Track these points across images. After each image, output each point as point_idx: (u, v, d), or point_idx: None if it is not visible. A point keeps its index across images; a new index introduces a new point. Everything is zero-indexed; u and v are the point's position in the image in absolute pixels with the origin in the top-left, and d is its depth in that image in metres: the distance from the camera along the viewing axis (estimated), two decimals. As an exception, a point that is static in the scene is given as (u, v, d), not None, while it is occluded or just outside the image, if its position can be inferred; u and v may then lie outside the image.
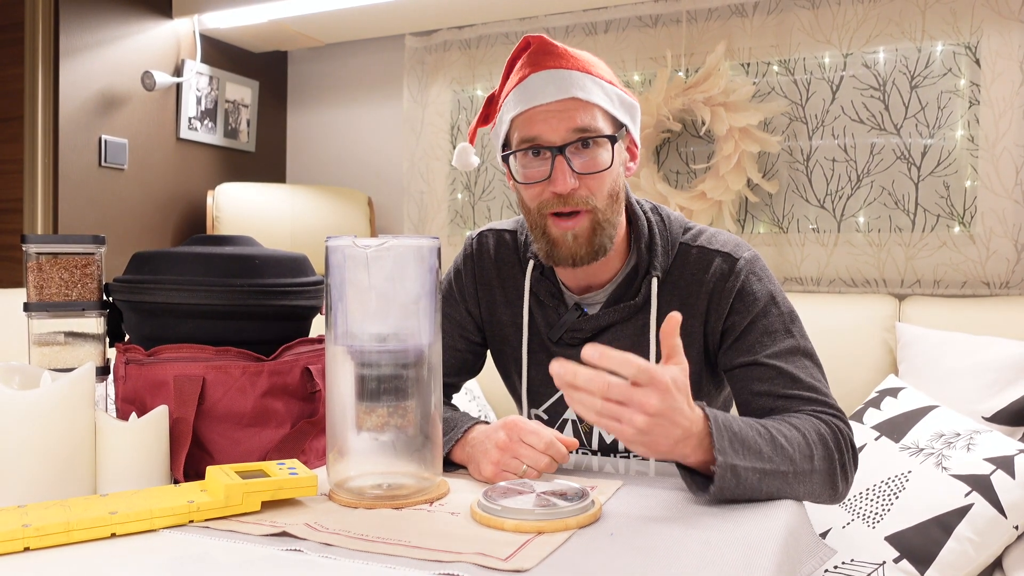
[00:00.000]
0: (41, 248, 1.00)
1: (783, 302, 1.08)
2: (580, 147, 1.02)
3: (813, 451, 0.92)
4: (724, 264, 1.08)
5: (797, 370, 1.02)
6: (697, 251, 1.11)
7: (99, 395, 1.02)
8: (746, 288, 1.07)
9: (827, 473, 0.93)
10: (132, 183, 2.40)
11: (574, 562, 0.70)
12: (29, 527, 0.72)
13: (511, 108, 1.05)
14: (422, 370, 0.88)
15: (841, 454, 0.96)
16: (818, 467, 0.92)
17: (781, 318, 1.06)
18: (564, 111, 1.01)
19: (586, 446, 1.19)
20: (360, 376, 0.87)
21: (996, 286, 1.97)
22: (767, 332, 1.05)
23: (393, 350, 0.87)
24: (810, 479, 0.91)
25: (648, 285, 1.10)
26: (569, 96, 1.01)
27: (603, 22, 2.39)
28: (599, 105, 1.03)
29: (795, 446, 0.91)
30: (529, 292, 1.17)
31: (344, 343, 0.87)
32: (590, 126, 1.02)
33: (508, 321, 1.21)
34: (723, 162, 2.13)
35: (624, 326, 1.12)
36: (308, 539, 0.75)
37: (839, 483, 0.96)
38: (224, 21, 2.49)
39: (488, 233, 1.24)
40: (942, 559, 1.30)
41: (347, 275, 0.86)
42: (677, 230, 1.13)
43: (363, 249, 0.85)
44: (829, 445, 0.94)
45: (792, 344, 1.04)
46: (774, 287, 1.09)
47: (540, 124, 1.02)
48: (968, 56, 1.99)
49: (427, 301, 0.88)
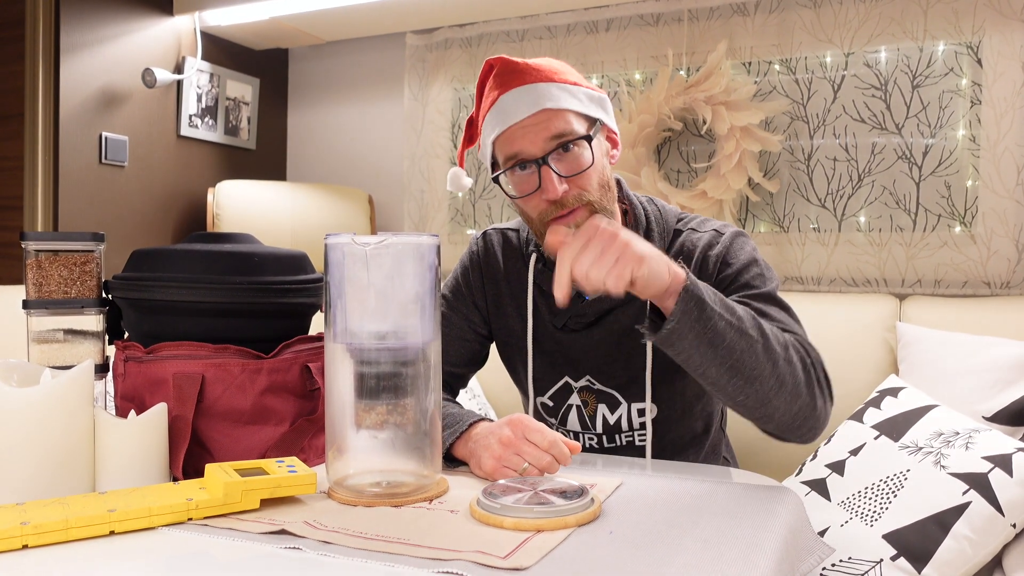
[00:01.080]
0: (40, 245, 1.00)
1: (764, 266, 1.14)
2: (561, 152, 1.07)
3: (788, 346, 0.97)
4: (711, 238, 1.17)
5: (772, 311, 1.07)
6: (688, 232, 1.19)
7: (98, 392, 1.02)
8: (730, 252, 1.14)
9: (800, 375, 0.96)
10: (132, 180, 2.40)
11: (573, 560, 0.70)
12: (27, 525, 0.72)
13: (489, 131, 1.11)
14: (421, 368, 0.88)
15: (814, 368, 1.00)
16: (791, 359, 0.96)
17: (761, 276, 1.12)
18: (538, 124, 1.07)
19: (591, 429, 1.24)
20: (359, 374, 0.87)
21: (997, 286, 1.96)
22: (748, 285, 1.11)
23: (392, 348, 0.87)
24: (780, 366, 0.94)
25: None
26: (540, 108, 1.07)
27: (604, 20, 2.39)
28: (570, 109, 1.08)
29: (770, 332, 0.95)
30: (533, 283, 1.22)
31: (343, 341, 0.87)
32: (565, 131, 1.07)
33: (514, 313, 1.26)
34: (724, 161, 2.13)
35: (624, 309, 1.18)
36: (307, 537, 0.75)
37: (815, 393, 0.98)
38: (225, 18, 2.48)
39: (492, 232, 1.31)
40: (939, 557, 1.29)
41: (346, 273, 0.86)
42: (671, 218, 1.21)
43: (362, 247, 0.85)
44: (803, 354, 0.99)
45: (768, 292, 1.10)
46: (757, 255, 1.15)
47: (519, 140, 1.08)
48: (970, 56, 1.99)
49: (427, 299, 0.88)
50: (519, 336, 1.26)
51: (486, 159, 1.15)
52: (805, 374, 0.97)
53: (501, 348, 1.32)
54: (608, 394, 1.22)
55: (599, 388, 1.22)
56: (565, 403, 1.24)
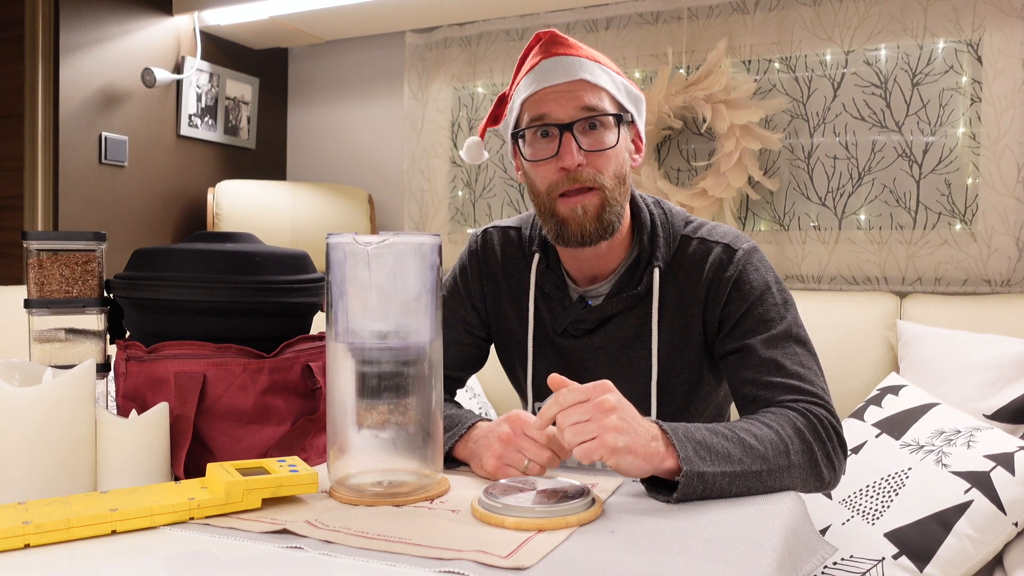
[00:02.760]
0: (42, 245, 1.00)
1: (779, 291, 1.09)
2: (587, 128, 1.06)
3: (789, 446, 0.93)
4: (723, 254, 1.11)
5: (784, 357, 1.04)
6: (697, 242, 1.13)
7: (100, 392, 1.02)
8: (743, 277, 1.09)
9: (808, 465, 0.94)
10: (132, 180, 2.40)
11: (575, 560, 0.70)
12: (29, 524, 0.72)
13: (522, 92, 1.09)
14: (423, 367, 0.88)
15: (822, 443, 0.96)
16: (796, 461, 0.93)
17: (776, 307, 1.07)
18: (572, 91, 1.06)
19: None
20: (361, 373, 0.87)
21: (997, 284, 1.96)
22: (762, 320, 1.06)
23: (394, 347, 0.87)
24: (789, 473, 0.92)
25: (650, 275, 1.12)
26: (577, 78, 1.06)
27: (604, 19, 2.39)
28: (606, 89, 1.07)
29: (767, 444, 0.91)
30: (534, 285, 1.19)
31: (345, 340, 0.87)
32: (596, 106, 1.06)
33: (513, 315, 1.22)
34: (724, 159, 2.13)
35: (626, 316, 1.14)
36: (309, 536, 0.75)
37: (823, 472, 0.96)
38: (224, 18, 2.48)
39: (492, 230, 1.27)
40: (941, 555, 1.29)
41: (348, 272, 0.86)
42: (679, 223, 1.16)
43: (364, 246, 0.85)
44: (807, 437, 0.95)
45: (783, 330, 1.06)
46: (771, 277, 1.11)
47: (550, 103, 1.06)
48: (970, 53, 1.99)
49: (428, 298, 0.88)
50: (519, 340, 1.22)
51: (509, 125, 1.13)
52: (811, 462, 0.95)
53: (500, 351, 1.29)
54: None
55: None
56: None
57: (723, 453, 0.88)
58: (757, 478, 0.90)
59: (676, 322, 1.12)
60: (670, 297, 1.12)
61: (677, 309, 1.12)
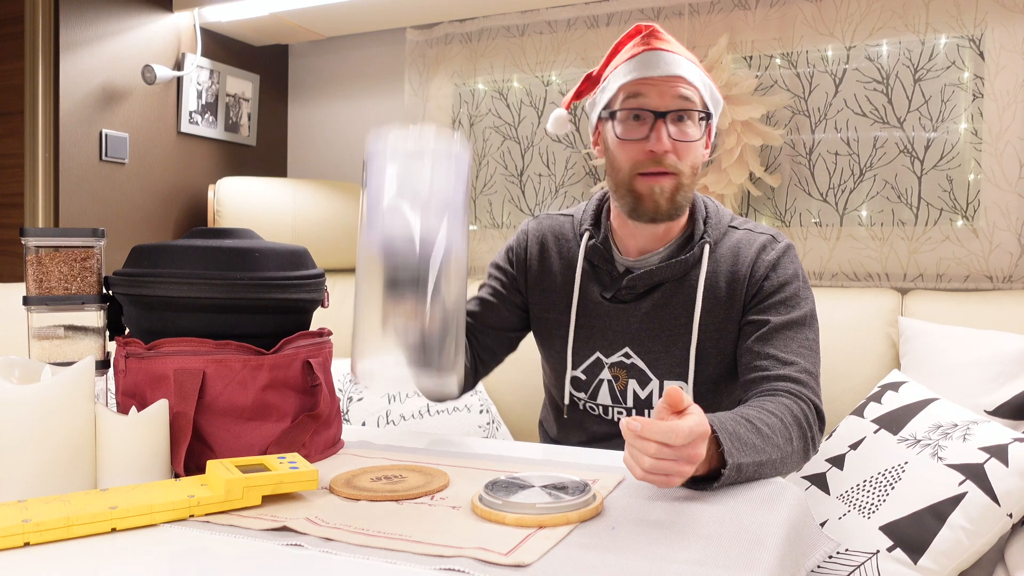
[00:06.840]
0: (41, 241, 1.00)
1: (805, 286, 1.23)
2: (676, 119, 1.17)
3: (791, 433, 1.04)
4: (767, 242, 1.25)
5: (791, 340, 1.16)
6: (744, 232, 1.27)
7: (99, 389, 1.02)
8: (781, 262, 1.23)
9: (803, 451, 1.07)
10: (133, 177, 2.40)
11: (575, 556, 0.70)
12: (29, 522, 0.72)
13: (621, 76, 1.19)
14: (451, 267, 0.90)
15: (811, 427, 1.09)
16: (796, 447, 1.05)
17: (799, 297, 1.21)
18: (670, 83, 1.17)
19: (622, 403, 1.29)
20: (388, 272, 0.89)
21: (999, 280, 1.96)
22: (783, 303, 1.20)
23: (421, 248, 0.88)
24: (791, 459, 1.04)
25: (701, 247, 1.24)
26: (676, 74, 1.16)
27: (605, 15, 2.38)
28: (697, 88, 1.19)
29: (777, 432, 1.01)
30: (583, 258, 1.29)
31: (375, 236, 0.89)
32: (691, 100, 1.18)
33: (559, 287, 1.32)
34: (725, 156, 2.12)
35: (673, 285, 1.24)
36: (309, 534, 0.75)
37: (810, 455, 1.09)
38: (224, 15, 2.48)
39: (545, 216, 1.39)
40: (935, 547, 1.30)
41: (386, 169, 0.88)
42: (726, 216, 1.30)
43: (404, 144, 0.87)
44: (803, 424, 1.07)
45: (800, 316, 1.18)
46: (802, 272, 1.25)
47: (649, 90, 1.17)
48: (972, 49, 1.98)
49: (459, 204, 0.91)
50: (561, 310, 1.31)
51: (600, 104, 1.23)
52: (805, 447, 1.07)
53: (539, 326, 1.36)
54: (639, 369, 1.26)
55: (632, 363, 1.26)
56: (596, 377, 1.29)
57: (750, 443, 0.96)
58: (772, 466, 0.99)
59: (720, 295, 1.23)
60: (717, 270, 1.23)
61: (722, 283, 1.23)
